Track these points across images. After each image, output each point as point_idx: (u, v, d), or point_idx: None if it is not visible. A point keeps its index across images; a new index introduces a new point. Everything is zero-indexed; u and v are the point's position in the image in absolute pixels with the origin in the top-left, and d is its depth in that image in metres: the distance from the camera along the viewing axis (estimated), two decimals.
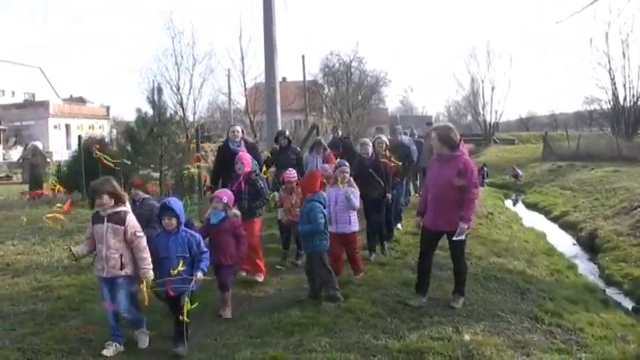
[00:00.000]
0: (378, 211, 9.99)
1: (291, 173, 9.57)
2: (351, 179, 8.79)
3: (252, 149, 10.13)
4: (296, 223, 8.63)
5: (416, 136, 17.44)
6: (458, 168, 7.09)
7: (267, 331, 6.51)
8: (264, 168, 10.57)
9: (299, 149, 12.56)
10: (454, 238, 7.04)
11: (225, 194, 7.59)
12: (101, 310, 6.39)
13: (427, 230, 7.47)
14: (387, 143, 10.93)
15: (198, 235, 6.43)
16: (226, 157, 9.64)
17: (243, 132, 10.35)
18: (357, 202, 8.59)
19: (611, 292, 11.28)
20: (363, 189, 9.18)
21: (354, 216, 8.64)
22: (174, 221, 6.23)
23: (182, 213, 6.32)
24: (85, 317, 7.15)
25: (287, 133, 12.48)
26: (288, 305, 7.32)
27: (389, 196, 10.10)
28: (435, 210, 7.26)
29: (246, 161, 8.75)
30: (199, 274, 6.13)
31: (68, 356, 5.93)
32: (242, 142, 10.08)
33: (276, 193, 10.10)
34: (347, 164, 8.84)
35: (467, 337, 6.16)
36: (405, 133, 16.11)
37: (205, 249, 6.39)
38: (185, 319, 5.98)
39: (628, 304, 10.64)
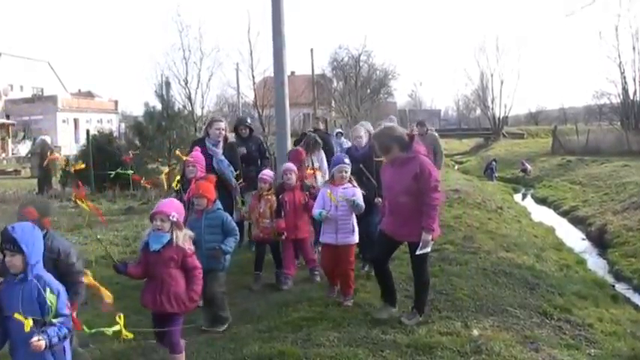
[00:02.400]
0: (367, 215, 7.78)
1: (268, 173, 8.37)
2: (352, 178, 7.36)
3: (229, 150, 8.83)
4: (271, 240, 8.10)
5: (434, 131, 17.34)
6: (414, 172, 6.25)
7: (276, 325, 6.50)
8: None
9: (262, 139, 11.44)
10: (418, 252, 6.28)
11: (172, 206, 5.43)
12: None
13: (385, 236, 6.63)
14: (371, 132, 9.33)
15: (56, 285, 4.02)
16: None
17: (226, 129, 8.96)
18: (363, 204, 7.22)
19: (621, 288, 11.25)
20: None
21: (354, 224, 7.31)
22: (18, 260, 3.95)
23: (34, 246, 3.98)
24: (94, 311, 7.14)
25: (249, 121, 10.96)
26: (297, 300, 7.31)
27: (378, 200, 7.89)
28: (395, 220, 6.49)
29: (199, 164, 7.47)
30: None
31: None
32: (221, 143, 8.70)
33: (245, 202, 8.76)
34: (347, 161, 7.32)
35: (475, 332, 6.13)
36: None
37: (65, 311, 3.93)
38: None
39: (638, 299, 10.62)
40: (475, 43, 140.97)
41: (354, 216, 7.26)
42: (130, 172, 8.48)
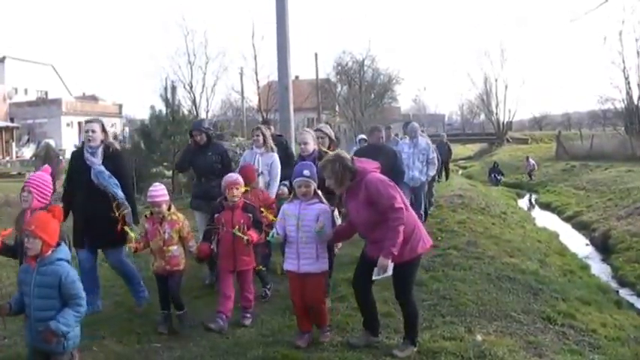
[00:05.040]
0: None
1: (158, 190, 6.48)
2: (320, 193, 6.07)
3: (113, 159, 7.17)
4: (173, 272, 6.49)
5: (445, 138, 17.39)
6: (365, 196, 5.54)
7: (279, 329, 6.51)
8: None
9: (224, 146, 9.59)
10: (373, 277, 5.57)
11: None
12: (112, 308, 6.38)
13: (366, 260, 5.85)
14: (332, 138, 8.52)
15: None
16: (77, 170, 7.20)
17: (105, 131, 7.28)
18: (331, 230, 5.99)
19: (625, 293, 11.24)
20: None
21: (322, 248, 6.00)
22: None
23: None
24: (97, 315, 7.16)
25: (206, 124, 9.17)
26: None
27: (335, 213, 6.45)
28: (371, 247, 5.75)
29: (37, 188, 5.68)
30: None
31: (81, 352, 5.93)
32: (102, 149, 7.11)
33: (134, 228, 6.99)
34: (306, 173, 5.95)
35: (479, 338, 6.13)
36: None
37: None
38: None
39: None
40: (479, 48, 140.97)
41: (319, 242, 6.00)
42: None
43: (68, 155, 36.53)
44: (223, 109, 57.28)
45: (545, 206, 25.33)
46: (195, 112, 38.95)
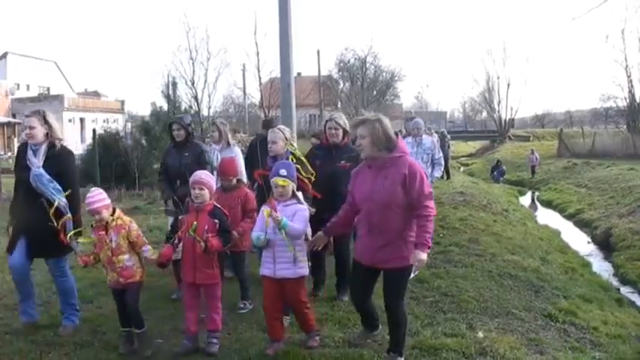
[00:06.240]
0: None
1: (95, 195, 5.66)
2: (299, 194, 5.83)
3: (58, 159, 6.26)
4: (128, 285, 5.76)
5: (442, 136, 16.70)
6: (402, 176, 5.08)
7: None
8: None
9: (203, 145, 8.57)
10: (412, 276, 5.28)
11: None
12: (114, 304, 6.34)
13: (360, 265, 5.46)
14: (347, 129, 7.32)
15: None
16: (20, 169, 6.35)
17: (48, 124, 6.25)
18: (301, 226, 5.55)
19: (626, 291, 11.23)
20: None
21: (300, 251, 5.66)
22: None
23: None
24: (97, 310, 7.19)
25: (187, 120, 8.24)
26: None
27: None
28: (374, 240, 5.25)
29: None
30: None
31: (81, 349, 5.95)
32: (45, 147, 6.22)
33: (80, 239, 6.11)
34: (283, 173, 5.60)
35: (480, 334, 6.14)
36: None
37: None
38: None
39: None
40: (482, 45, 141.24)
41: (300, 242, 5.68)
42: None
43: None
44: (225, 105, 57.22)
45: (547, 204, 25.31)
46: (197, 108, 38.95)
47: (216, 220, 5.65)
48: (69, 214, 6.10)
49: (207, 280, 5.74)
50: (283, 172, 5.60)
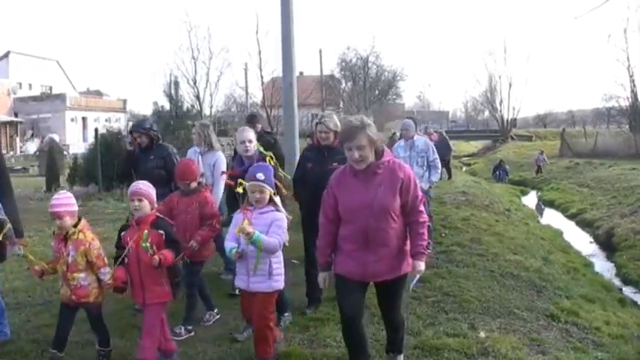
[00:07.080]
0: None
1: (61, 199, 5.18)
2: (277, 200, 5.27)
3: None
4: (82, 305, 5.32)
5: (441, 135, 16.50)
6: (398, 180, 4.60)
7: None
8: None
9: (171, 149, 8.07)
10: (412, 285, 4.90)
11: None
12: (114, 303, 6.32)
13: (349, 282, 4.76)
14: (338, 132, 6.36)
15: None
16: None
17: None
18: (277, 239, 5.06)
19: (628, 291, 11.22)
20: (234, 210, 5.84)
21: (277, 263, 5.27)
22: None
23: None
24: None
25: (149, 124, 8.05)
26: (303, 300, 7.27)
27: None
28: (365, 254, 4.65)
29: None
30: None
31: (83, 348, 5.94)
32: None
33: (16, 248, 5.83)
34: (260, 176, 5.11)
35: (482, 334, 6.13)
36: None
37: None
38: None
39: None
40: (483, 45, 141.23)
41: (277, 254, 5.24)
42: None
43: (72, 150, 36.61)
44: (227, 104, 57.26)
45: (549, 204, 25.29)
46: (199, 107, 39.00)
47: (161, 232, 5.11)
48: (8, 224, 5.59)
49: (155, 299, 5.15)
50: (261, 175, 5.12)
